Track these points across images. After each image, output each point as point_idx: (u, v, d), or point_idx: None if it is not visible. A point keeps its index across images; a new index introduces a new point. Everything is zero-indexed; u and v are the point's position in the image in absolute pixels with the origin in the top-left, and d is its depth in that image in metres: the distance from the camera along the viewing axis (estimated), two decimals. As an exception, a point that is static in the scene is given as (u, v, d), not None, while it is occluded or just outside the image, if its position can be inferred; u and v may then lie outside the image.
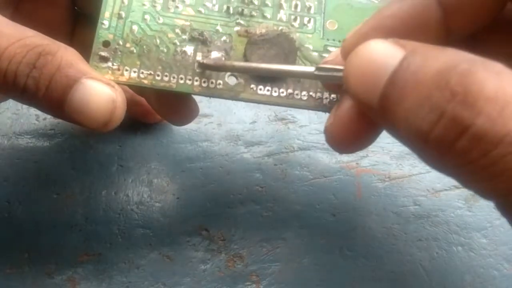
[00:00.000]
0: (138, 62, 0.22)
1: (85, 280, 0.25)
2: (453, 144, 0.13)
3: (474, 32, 0.18)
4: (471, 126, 0.13)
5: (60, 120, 0.30)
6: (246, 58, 0.22)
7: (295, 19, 0.23)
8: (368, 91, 0.15)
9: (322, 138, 0.30)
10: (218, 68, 0.21)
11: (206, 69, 0.21)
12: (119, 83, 0.21)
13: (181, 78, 0.22)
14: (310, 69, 0.18)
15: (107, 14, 0.22)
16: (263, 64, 0.20)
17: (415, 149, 0.15)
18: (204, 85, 0.22)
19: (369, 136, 0.19)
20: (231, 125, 0.31)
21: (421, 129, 0.14)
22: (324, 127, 0.20)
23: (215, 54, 0.22)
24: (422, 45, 0.15)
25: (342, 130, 0.18)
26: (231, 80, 0.22)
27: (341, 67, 0.17)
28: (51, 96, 0.20)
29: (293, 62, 0.22)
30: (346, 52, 0.17)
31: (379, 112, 0.15)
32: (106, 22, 0.22)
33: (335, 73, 0.18)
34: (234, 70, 0.21)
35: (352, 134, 0.18)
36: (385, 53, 0.15)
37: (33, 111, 0.31)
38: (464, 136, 0.13)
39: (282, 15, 0.23)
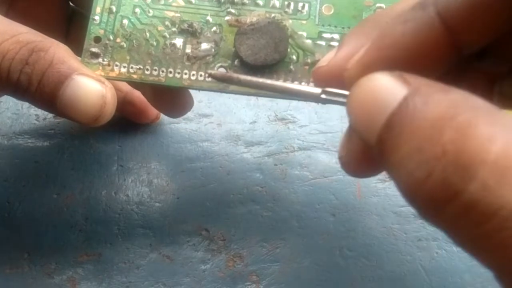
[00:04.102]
0: (128, 57, 0.22)
1: (85, 280, 0.25)
2: (442, 208, 0.11)
3: (491, 43, 0.16)
4: (462, 193, 0.11)
5: (60, 120, 0.30)
6: (235, 49, 0.22)
7: (288, 5, 0.22)
8: (367, 130, 0.14)
9: (322, 138, 0.31)
10: (225, 80, 0.20)
11: (215, 79, 0.21)
12: (109, 79, 0.22)
13: (170, 72, 0.22)
14: (317, 90, 0.17)
15: (98, 10, 0.22)
16: (269, 80, 0.19)
17: (408, 203, 0.13)
18: (193, 78, 0.22)
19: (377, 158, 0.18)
20: (231, 125, 0.31)
21: (408, 186, 0.12)
22: (338, 156, 0.19)
23: (204, 46, 0.22)
24: (427, 84, 0.13)
25: (355, 163, 0.17)
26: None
27: (347, 93, 0.15)
28: (43, 92, 0.20)
29: (284, 51, 0.22)
30: (350, 82, 0.15)
31: (377, 154, 0.14)
32: (97, 18, 0.22)
33: (341, 99, 0.16)
34: (240, 84, 0.20)
35: (366, 165, 0.17)
36: (387, 90, 0.13)
37: (33, 111, 0.31)
38: (453, 202, 0.11)
39: (275, 1, 0.22)
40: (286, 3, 0.22)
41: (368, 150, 0.15)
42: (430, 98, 0.12)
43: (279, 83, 0.19)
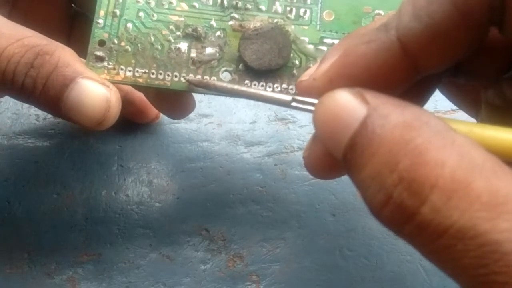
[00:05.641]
0: (133, 61, 0.22)
1: (85, 280, 0.25)
2: (401, 227, 0.13)
3: (451, 66, 0.17)
4: (416, 215, 0.12)
5: (60, 120, 0.30)
6: (240, 54, 0.22)
7: (290, 11, 0.22)
8: (332, 145, 0.15)
9: (322, 138, 0.31)
10: (202, 86, 0.21)
11: (193, 85, 0.22)
12: (114, 82, 0.21)
13: (175, 76, 0.22)
14: (287, 98, 0.18)
15: (102, 13, 0.22)
16: (243, 87, 0.20)
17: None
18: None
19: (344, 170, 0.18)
20: (231, 125, 0.31)
21: (372, 206, 0.14)
22: (302, 156, 0.20)
23: (209, 50, 0.22)
24: (383, 103, 0.14)
25: (317, 164, 0.18)
26: (225, 76, 0.22)
27: (316, 101, 0.16)
28: (48, 95, 0.20)
29: (288, 56, 0.22)
30: (317, 92, 0.16)
31: (344, 167, 0.15)
32: (101, 21, 0.22)
33: (310, 107, 0.17)
34: (216, 90, 0.21)
35: (328, 167, 0.18)
36: (348, 109, 0.14)
37: (33, 111, 0.31)
38: (410, 222, 0.13)
39: (278, 7, 0.22)
40: (288, 8, 0.22)
41: (329, 155, 0.16)
42: (386, 119, 0.13)
43: (253, 90, 0.20)
